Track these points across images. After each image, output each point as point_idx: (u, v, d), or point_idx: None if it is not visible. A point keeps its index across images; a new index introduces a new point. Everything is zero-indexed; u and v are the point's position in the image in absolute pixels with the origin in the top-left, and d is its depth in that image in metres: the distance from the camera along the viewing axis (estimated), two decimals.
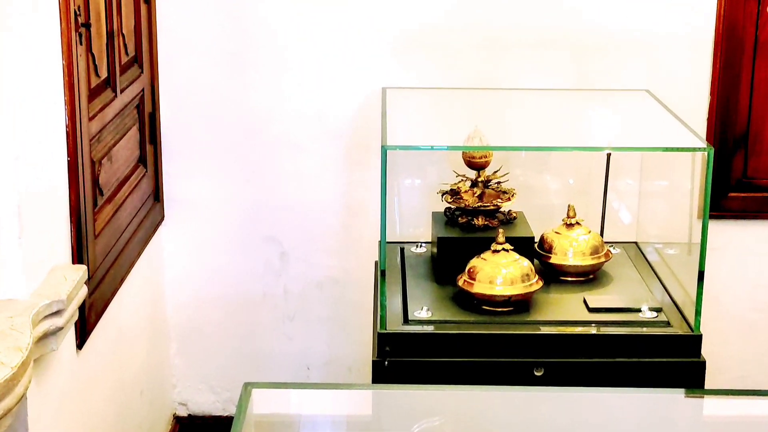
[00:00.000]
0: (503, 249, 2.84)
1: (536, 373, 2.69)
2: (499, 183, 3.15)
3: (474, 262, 2.85)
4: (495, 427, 2.46)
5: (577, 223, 3.07)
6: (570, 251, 3.02)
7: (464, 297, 2.86)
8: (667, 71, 3.42)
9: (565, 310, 2.86)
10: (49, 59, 2.38)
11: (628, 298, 2.91)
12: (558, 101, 3.38)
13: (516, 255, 2.85)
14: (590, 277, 3.04)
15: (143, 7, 3.22)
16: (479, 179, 3.12)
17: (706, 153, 2.78)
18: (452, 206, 3.14)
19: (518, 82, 3.42)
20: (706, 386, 2.77)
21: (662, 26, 3.41)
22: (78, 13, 2.52)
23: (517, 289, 2.80)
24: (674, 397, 2.54)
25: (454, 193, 3.14)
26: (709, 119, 3.47)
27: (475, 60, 3.42)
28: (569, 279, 3.02)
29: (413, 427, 2.42)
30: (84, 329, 2.62)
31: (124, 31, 2.98)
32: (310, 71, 3.45)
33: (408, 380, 2.69)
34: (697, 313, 2.74)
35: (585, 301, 2.88)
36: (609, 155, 3.33)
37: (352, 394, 2.66)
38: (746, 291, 3.59)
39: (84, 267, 2.48)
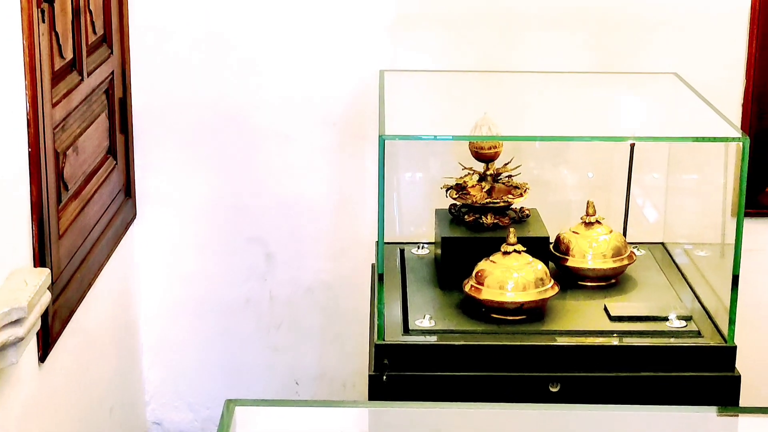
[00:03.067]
0: (515, 250, 2.85)
1: (552, 389, 2.70)
2: (510, 177, 3.16)
3: (482, 265, 2.85)
4: None
5: (597, 221, 3.07)
6: (589, 253, 3.02)
7: (471, 304, 2.86)
8: (697, 52, 3.43)
9: (584, 319, 2.86)
10: (7, 39, 2.38)
11: (654, 306, 2.91)
12: (576, 85, 3.39)
13: (529, 257, 2.85)
14: (612, 281, 3.04)
15: None
16: (488, 173, 3.13)
17: (740, 143, 2.79)
18: (458, 203, 3.14)
19: (532, 64, 3.43)
20: (741, 403, 2.77)
21: (693, 3, 3.41)
22: None
23: (530, 296, 2.80)
24: (706, 415, 2.55)
25: (460, 188, 3.14)
26: (744, 106, 3.48)
27: (483, 39, 3.43)
28: (588, 284, 3.03)
29: None
30: (47, 339, 2.62)
31: (91, 8, 2.98)
32: (297, 52, 3.45)
33: (408, 397, 2.69)
34: (731, 322, 2.75)
35: (606, 309, 2.88)
36: (633, 146, 3.34)
37: (347, 413, 2.67)
38: None
39: (47, 270, 2.48)
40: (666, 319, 2.83)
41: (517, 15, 3.41)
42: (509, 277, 2.80)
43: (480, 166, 3.14)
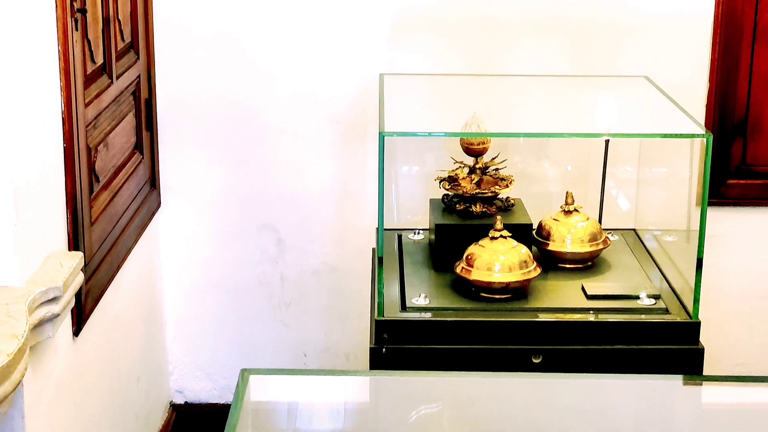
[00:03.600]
0: (501, 236, 2.85)
1: (534, 360, 2.70)
2: (497, 170, 3.15)
3: (472, 249, 2.85)
4: (493, 413, 2.47)
5: (576, 210, 3.07)
6: (568, 238, 3.02)
7: (462, 284, 2.86)
8: (665, 57, 3.42)
9: (564, 298, 2.87)
10: (44, 45, 2.38)
11: (627, 286, 2.91)
12: (556, 87, 3.38)
13: (514, 242, 2.85)
14: (588, 264, 3.04)
15: None
16: (477, 166, 3.12)
17: (704, 140, 2.79)
18: (450, 193, 3.14)
19: (517, 68, 3.42)
20: (705, 373, 2.77)
21: (661, 11, 3.41)
22: None
23: (515, 276, 2.80)
24: (672, 383, 2.55)
25: (452, 180, 3.14)
26: (708, 106, 3.47)
27: (473, 46, 3.42)
28: (567, 266, 3.03)
29: (411, 413, 2.43)
30: (80, 316, 2.62)
31: (120, 17, 2.98)
32: (306, 57, 3.44)
33: (406, 367, 2.69)
34: (696, 300, 2.75)
35: (583, 289, 2.88)
36: (607, 142, 3.34)
37: (350, 381, 2.67)
38: (745, 278, 3.60)
39: (80, 254, 2.48)
40: (637, 297, 2.83)
41: (504, 24, 3.40)
42: (496, 259, 2.80)
43: (470, 160, 3.13)
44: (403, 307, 2.80)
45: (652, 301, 2.81)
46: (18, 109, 2.23)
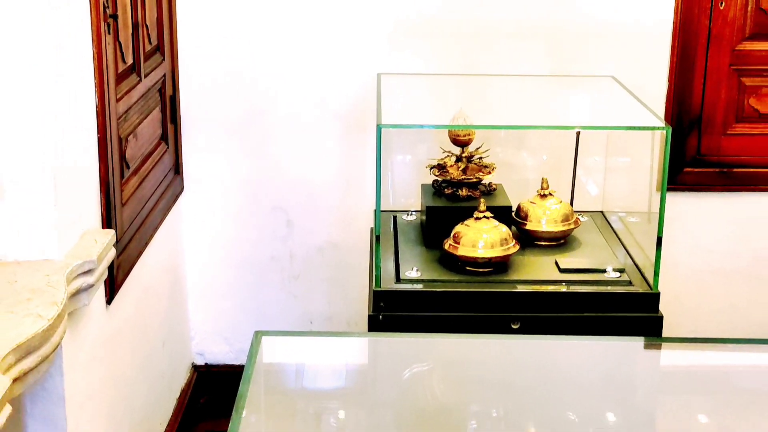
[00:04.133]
0: (484, 216, 2.85)
1: (513, 326, 2.70)
2: (480, 158, 3.16)
3: (458, 228, 2.86)
4: (477, 370, 2.48)
5: (550, 194, 3.07)
6: (543, 219, 3.02)
7: (450, 259, 2.86)
8: (630, 59, 3.42)
9: (539, 271, 2.87)
10: (80, 47, 2.38)
11: (595, 261, 2.92)
12: (534, 86, 3.38)
13: (495, 222, 2.85)
14: (561, 241, 3.05)
15: (164, 2, 3.20)
16: (463, 155, 3.13)
17: (664, 132, 2.79)
18: (439, 179, 3.14)
19: (499, 68, 3.41)
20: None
21: (626, 20, 3.40)
22: (106, 5, 2.51)
23: (496, 252, 2.81)
24: (635, 345, 2.55)
25: (441, 167, 3.14)
26: (667, 103, 3.47)
27: (460, 49, 3.41)
28: (542, 243, 3.03)
29: (405, 371, 2.43)
30: (112, 287, 2.62)
31: (147, 23, 2.98)
32: (313, 59, 3.44)
33: (399, 332, 2.69)
34: (656, 273, 2.76)
35: (556, 263, 2.89)
36: (578, 134, 3.34)
37: (351, 342, 2.67)
38: (699, 255, 3.61)
39: (112, 231, 2.48)
40: (604, 271, 2.83)
41: (487, 31, 3.39)
42: (480, 237, 2.81)
43: (457, 150, 3.14)
44: (398, 279, 2.80)
45: (617, 274, 2.82)
46: (57, 103, 2.23)
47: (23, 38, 2.13)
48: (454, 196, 3.08)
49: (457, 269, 2.84)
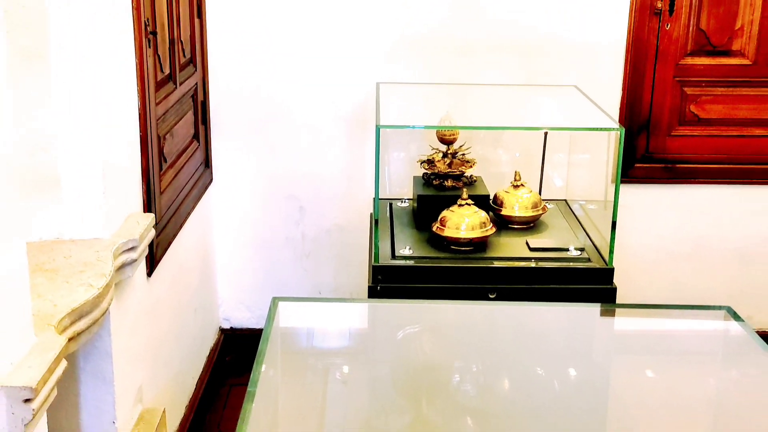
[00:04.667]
0: (466, 203, 2.85)
1: (490, 296, 2.70)
2: (463, 154, 3.15)
3: (444, 213, 2.85)
4: (460, 332, 2.48)
5: (522, 185, 3.07)
6: (516, 206, 3.02)
7: (437, 239, 2.86)
8: (590, 72, 3.41)
9: (512, 249, 2.87)
10: (124, 59, 2.37)
11: (559, 241, 2.92)
12: (508, 93, 3.37)
13: (476, 208, 2.85)
14: (531, 225, 3.04)
15: (197, 21, 3.19)
16: (449, 152, 3.12)
17: (618, 133, 2.79)
18: (428, 172, 3.14)
19: (479, 79, 3.40)
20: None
21: (587, 39, 3.39)
22: (147, 23, 2.50)
23: (476, 234, 2.81)
24: (592, 310, 2.56)
25: (430, 162, 3.14)
26: (620, 108, 3.46)
27: (446, 63, 3.40)
28: (515, 226, 3.03)
29: (399, 332, 2.43)
30: (152, 262, 2.63)
31: (182, 39, 2.97)
32: (322, 70, 3.43)
33: None
34: (611, 252, 2.76)
35: (527, 243, 2.89)
36: (546, 134, 3.33)
37: (354, 307, 2.67)
38: (647, 238, 3.61)
39: (152, 215, 2.48)
40: (567, 249, 2.84)
41: (470, 47, 3.38)
42: (462, 221, 2.81)
43: (443, 147, 3.13)
44: (393, 256, 2.80)
45: (578, 252, 2.82)
46: (105, 106, 2.22)
47: (74, 51, 2.13)
48: (441, 186, 3.08)
49: (443, 248, 2.84)
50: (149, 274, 2.62)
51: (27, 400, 1.61)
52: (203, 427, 3.27)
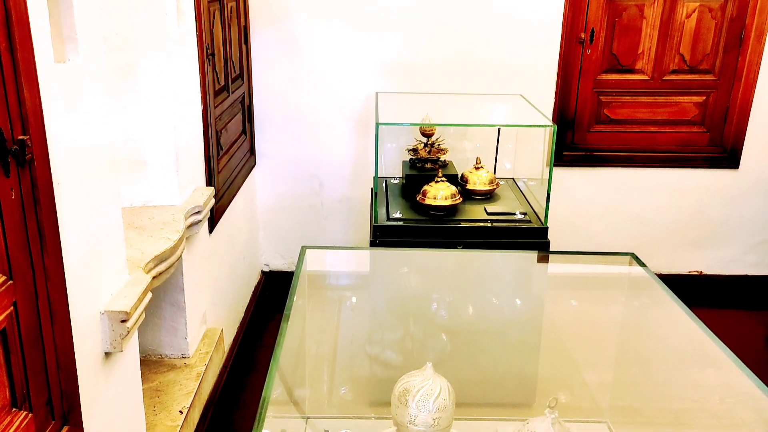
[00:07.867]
0: (441, 180, 2.84)
1: (459, 247, 2.71)
2: (439, 145, 3.14)
3: (425, 187, 2.85)
4: (437, 272, 2.48)
5: (481, 167, 3.06)
6: (477, 182, 3.01)
7: (420, 206, 2.86)
8: (532, 85, 3.39)
9: (474, 214, 2.86)
10: (192, 74, 2.36)
11: (509, 207, 2.91)
12: (471, 99, 3.35)
13: (448, 184, 2.84)
14: (488, 196, 3.04)
15: (243, 46, 3.17)
16: (428, 143, 3.11)
17: (551, 129, 2.78)
18: (414, 157, 3.13)
19: (452, 89, 3.39)
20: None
21: (530, 61, 3.37)
22: (208, 48, 2.48)
23: (448, 202, 2.80)
24: (532, 256, 2.56)
25: (415, 150, 3.13)
26: (554, 111, 3.45)
27: (428, 78, 3.38)
28: (477, 197, 3.02)
29: (393, 272, 2.43)
30: (212, 223, 2.63)
31: (233, 59, 2.94)
32: (335, 83, 3.41)
33: None
34: (546, 216, 2.76)
35: (485, 209, 2.88)
36: (499, 129, 3.32)
37: (360, 254, 2.67)
38: (572, 206, 3.61)
39: (213, 188, 2.48)
40: (514, 214, 2.83)
41: (443, 65, 3.36)
42: (438, 193, 2.80)
43: (425, 139, 3.12)
44: (388, 218, 2.79)
45: (522, 216, 2.82)
46: (177, 108, 2.21)
47: (156, 68, 2.11)
48: (423, 168, 3.07)
49: (424, 212, 2.83)
50: (210, 231, 2.63)
51: (123, 321, 1.62)
52: (249, 341, 3.30)
